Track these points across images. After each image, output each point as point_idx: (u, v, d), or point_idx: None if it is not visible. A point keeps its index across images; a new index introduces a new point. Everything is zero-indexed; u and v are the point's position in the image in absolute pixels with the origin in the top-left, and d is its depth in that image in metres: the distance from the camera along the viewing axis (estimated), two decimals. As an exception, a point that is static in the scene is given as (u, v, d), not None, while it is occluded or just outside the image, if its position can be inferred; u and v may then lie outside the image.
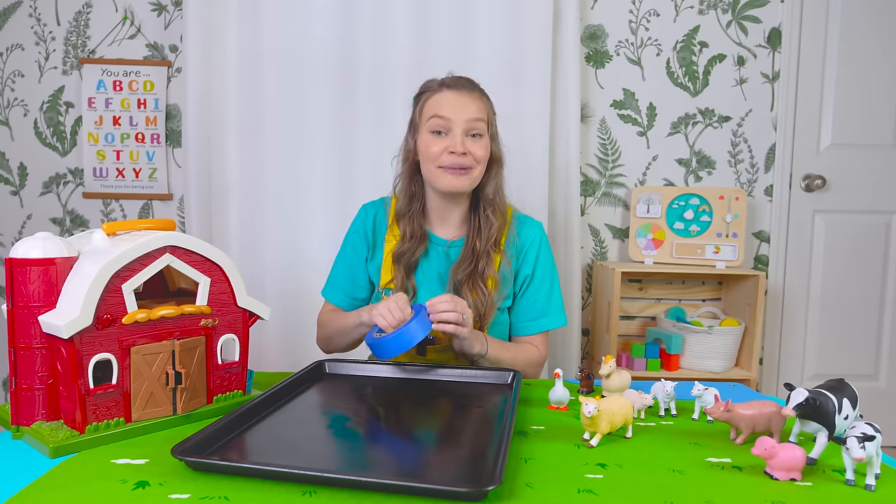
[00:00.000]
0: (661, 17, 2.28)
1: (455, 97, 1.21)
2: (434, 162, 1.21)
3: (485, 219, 1.25)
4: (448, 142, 1.19)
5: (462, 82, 1.25)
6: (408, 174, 1.29)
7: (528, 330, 1.31)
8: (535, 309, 1.31)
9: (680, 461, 0.79)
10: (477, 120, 1.19)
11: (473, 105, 1.20)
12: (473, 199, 1.29)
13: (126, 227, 0.93)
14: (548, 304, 1.32)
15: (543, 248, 1.33)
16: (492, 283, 1.26)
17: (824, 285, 2.38)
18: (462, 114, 1.19)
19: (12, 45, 2.25)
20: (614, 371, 1.00)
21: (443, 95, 1.22)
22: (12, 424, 0.85)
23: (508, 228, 1.30)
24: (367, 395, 1.05)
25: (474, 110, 1.19)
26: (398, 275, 1.27)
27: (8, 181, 2.29)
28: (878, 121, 2.32)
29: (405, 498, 0.67)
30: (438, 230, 1.32)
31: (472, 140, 1.20)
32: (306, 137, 2.14)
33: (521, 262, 1.31)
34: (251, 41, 2.11)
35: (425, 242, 1.29)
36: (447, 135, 1.20)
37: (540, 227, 1.35)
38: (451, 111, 1.19)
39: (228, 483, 0.70)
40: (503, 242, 1.29)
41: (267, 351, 2.17)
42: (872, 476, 0.72)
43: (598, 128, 2.32)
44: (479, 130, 1.20)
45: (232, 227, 2.17)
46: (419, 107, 1.26)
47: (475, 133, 1.20)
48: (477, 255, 1.24)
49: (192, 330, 0.92)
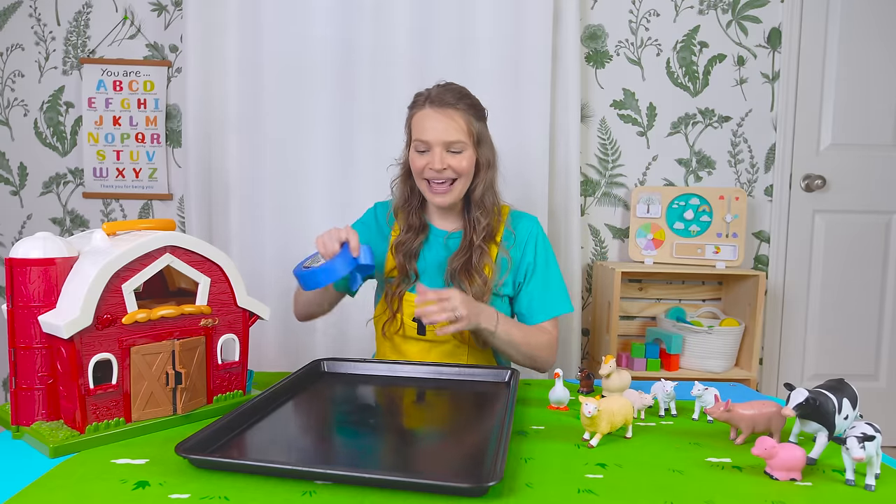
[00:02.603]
0: (661, 17, 2.28)
1: (435, 118, 1.27)
2: (420, 175, 1.30)
3: (476, 219, 1.32)
4: (429, 159, 1.27)
5: (446, 97, 1.28)
6: (403, 177, 1.39)
7: (538, 317, 1.34)
8: (542, 297, 1.35)
9: (680, 461, 0.79)
10: (454, 142, 1.26)
11: (452, 126, 1.26)
12: (466, 199, 1.36)
13: (126, 227, 0.93)
14: (553, 290, 1.36)
15: (541, 238, 1.38)
16: (488, 270, 1.31)
17: (824, 285, 2.38)
18: (440, 136, 1.26)
19: (12, 45, 2.25)
20: (614, 371, 1.00)
21: (424, 115, 1.28)
22: (12, 424, 0.85)
23: (504, 225, 1.36)
24: (365, 393, 1.06)
25: (452, 132, 1.26)
26: (399, 263, 1.34)
27: (8, 181, 2.29)
28: (878, 121, 2.32)
29: (405, 494, 0.67)
30: (438, 222, 1.39)
31: (451, 155, 1.27)
32: (306, 137, 2.14)
33: (522, 252, 1.36)
34: (251, 41, 2.11)
35: (425, 233, 1.37)
36: (429, 152, 1.27)
37: (536, 220, 1.41)
38: (430, 133, 1.26)
39: (228, 483, 0.70)
40: (499, 237, 1.35)
41: (267, 351, 2.17)
42: (872, 476, 0.72)
43: (598, 128, 2.32)
44: (457, 148, 1.27)
45: (232, 227, 2.17)
46: (407, 123, 1.35)
47: (454, 150, 1.27)
48: (472, 247, 1.30)
49: (192, 330, 0.92)
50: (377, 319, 1.39)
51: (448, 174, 1.27)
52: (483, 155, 1.31)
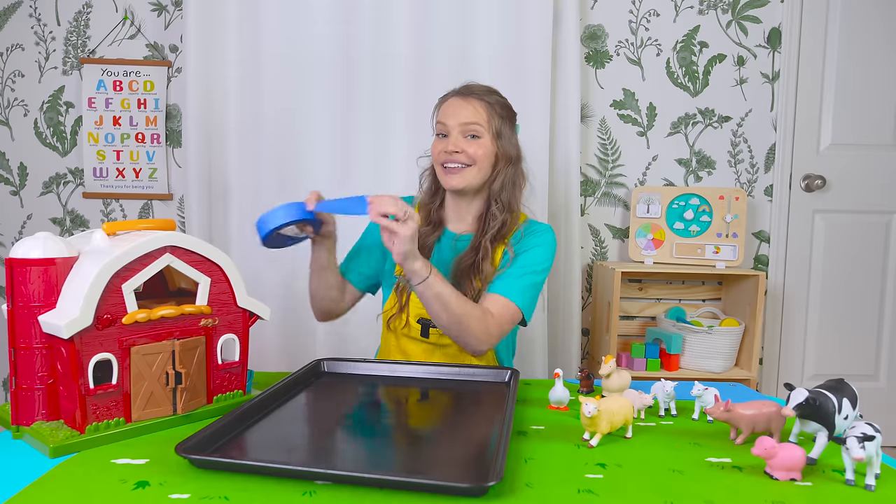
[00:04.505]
0: (661, 17, 2.28)
1: (455, 103, 1.30)
2: (437, 161, 1.32)
3: (492, 215, 1.31)
4: (446, 143, 1.29)
5: (470, 88, 1.32)
6: (431, 173, 1.40)
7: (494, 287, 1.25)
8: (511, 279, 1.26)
9: (680, 461, 0.79)
10: (471, 123, 1.27)
11: (469, 109, 1.28)
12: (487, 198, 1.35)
13: (126, 227, 0.93)
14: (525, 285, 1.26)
15: (548, 239, 1.34)
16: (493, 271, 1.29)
17: (824, 285, 2.38)
18: (456, 118, 1.28)
19: (12, 45, 2.25)
20: (614, 371, 1.00)
21: (448, 103, 1.32)
22: (12, 424, 0.85)
23: (518, 229, 1.33)
24: (365, 393, 1.05)
25: (468, 114, 1.28)
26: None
27: (8, 181, 2.29)
28: (878, 121, 2.32)
29: (405, 494, 0.67)
30: (451, 225, 1.39)
31: (467, 141, 1.28)
32: (306, 137, 2.15)
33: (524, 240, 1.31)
34: (251, 41, 2.11)
35: (439, 231, 1.37)
36: (447, 137, 1.30)
37: (551, 228, 1.39)
38: (449, 116, 1.30)
39: (228, 483, 0.70)
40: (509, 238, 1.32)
41: (267, 351, 2.17)
42: (872, 476, 0.72)
43: (598, 128, 2.32)
44: (474, 132, 1.28)
45: (232, 227, 2.17)
46: (433, 114, 1.37)
47: (472, 135, 1.28)
48: (479, 248, 1.30)
49: (192, 330, 0.92)
50: (386, 314, 1.38)
51: (461, 158, 1.28)
52: (503, 149, 1.31)
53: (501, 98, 1.34)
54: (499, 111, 1.31)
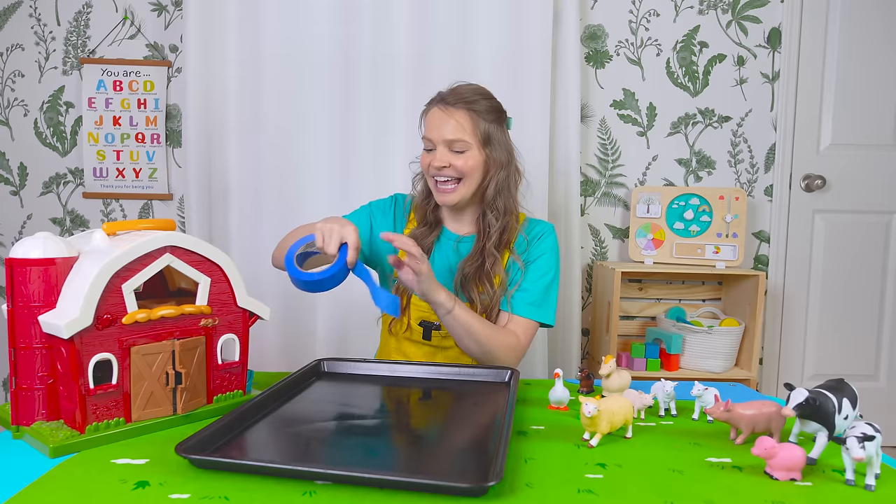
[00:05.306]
0: (661, 17, 2.28)
1: (440, 117, 1.27)
2: (427, 174, 1.32)
3: (489, 223, 1.30)
4: (433, 157, 1.28)
5: (455, 97, 1.27)
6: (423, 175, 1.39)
7: (516, 309, 1.28)
8: (529, 295, 1.30)
9: (680, 461, 0.79)
10: (455, 140, 1.25)
11: (452, 123, 1.25)
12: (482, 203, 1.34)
13: (126, 227, 0.93)
14: (543, 297, 1.31)
15: (551, 241, 1.35)
16: (498, 280, 1.28)
17: (824, 285, 2.38)
18: (442, 134, 1.26)
19: (12, 45, 2.25)
20: (614, 371, 1.00)
21: (432, 114, 1.29)
22: (12, 424, 0.85)
23: (519, 231, 1.33)
24: (365, 393, 1.05)
25: (451, 130, 1.25)
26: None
27: (8, 181, 2.29)
28: (878, 121, 2.32)
29: (405, 494, 0.67)
30: (451, 225, 1.38)
31: (454, 155, 1.26)
32: (306, 137, 2.15)
33: (529, 249, 1.33)
34: (251, 41, 2.11)
35: (438, 230, 1.36)
36: (434, 150, 1.28)
37: (550, 226, 1.39)
38: (433, 131, 1.27)
39: (228, 483, 0.70)
40: (513, 243, 1.32)
41: (267, 351, 2.17)
42: (872, 476, 0.72)
43: (598, 128, 2.32)
44: (459, 147, 1.26)
45: (232, 227, 2.17)
46: (420, 122, 1.34)
47: (457, 150, 1.26)
48: (485, 253, 1.29)
49: (192, 330, 0.92)
50: (386, 317, 1.38)
51: (450, 172, 1.27)
52: (493, 155, 1.28)
53: (488, 99, 1.29)
54: (485, 116, 1.27)
